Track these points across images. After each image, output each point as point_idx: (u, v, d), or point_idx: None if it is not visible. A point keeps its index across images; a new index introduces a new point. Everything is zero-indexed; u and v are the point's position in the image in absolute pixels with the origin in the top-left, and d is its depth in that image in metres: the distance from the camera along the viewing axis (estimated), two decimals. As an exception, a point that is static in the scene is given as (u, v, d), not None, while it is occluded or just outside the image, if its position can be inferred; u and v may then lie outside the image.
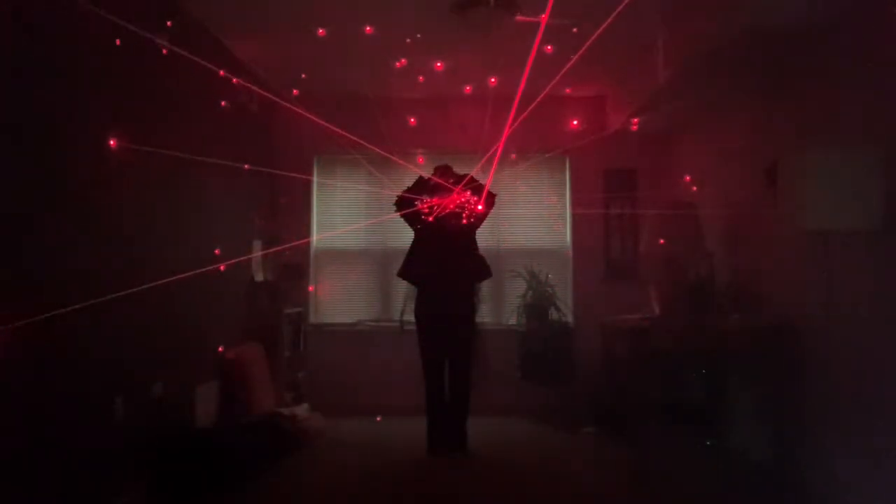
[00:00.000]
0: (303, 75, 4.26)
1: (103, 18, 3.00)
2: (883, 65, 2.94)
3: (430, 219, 4.37)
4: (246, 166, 4.91)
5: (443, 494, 3.68)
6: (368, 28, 3.69)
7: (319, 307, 5.91)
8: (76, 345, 2.88)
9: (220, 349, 4.47)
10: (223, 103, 4.43)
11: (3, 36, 2.50)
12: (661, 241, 4.24)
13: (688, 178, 4.74)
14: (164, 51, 3.35)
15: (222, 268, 4.27)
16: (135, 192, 3.39)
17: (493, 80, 3.97)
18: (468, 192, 4.44)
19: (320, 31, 3.45)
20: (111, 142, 3.12)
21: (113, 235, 3.19)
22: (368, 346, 5.67)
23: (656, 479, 3.68)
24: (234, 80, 4.46)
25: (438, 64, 4.40)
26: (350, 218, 5.91)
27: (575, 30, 2.90)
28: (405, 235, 4.78)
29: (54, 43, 2.79)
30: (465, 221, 4.33)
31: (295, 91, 3.94)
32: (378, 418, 5.25)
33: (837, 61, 3.31)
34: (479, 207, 4.41)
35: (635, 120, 4.57)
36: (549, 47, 3.18)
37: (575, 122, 4.46)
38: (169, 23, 3.13)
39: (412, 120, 4.78)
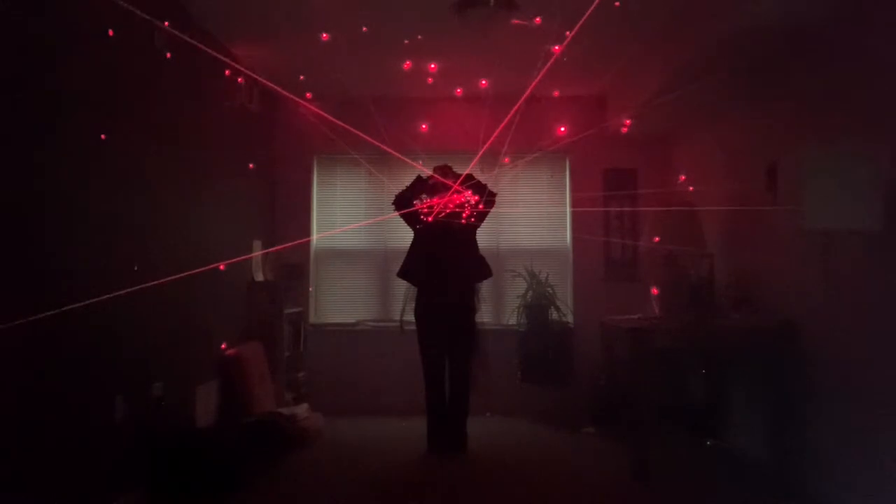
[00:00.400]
0: (301, 77, 4.26)
1: (104, 17, 3.01)
2: (883, 65, 2.94)
3: (430, 219, 4.36)
4: (251, 165, 4.91)
5: (443, 494, 3.68)
6: (364, 28, 3.68)
7: (319, 307, 5.91)
8: (76, 344, 2.88)
9: (224, 346, 4.48)
10: (228, 103, 4.43)
11: (8, 33, 2.51)
12: (656, 238, 4.24)
13: (682, 177, 4.74)
14: (168, 55, 3.35)
15: (222, 267, 4.26)
16: (134, 191, 3.39)
17: (493, 79, 3.97)
18: (469, 192, 4.43)
19: (324, 35, 3.45)
20: (111, 141, 3.13)
21: (112, 235, 3.19)
22: (368, 346, 5.67)
23: (656, 479, 3.68)
24: (240, 79, 4.47)
25: (438, 64, 4.39)
26: (350, 218, 5.91)
27: (568, 33, 2.91)
28: (405, 235, 4.78)
29: (57, 41, 2.79)
30: (464, 221, 4.32)
31: (308, 94, 3.92)
32: (378, 420, 5.26)
33: (838, 61, 3.31)
34: (480, 206, 4.40)
35: (627, 122, 4.56)
36: (556, 48, 3.19)
37: (562, 129, 4.46)
38: (166, 23, 3.12)
39: (423, 126, 4.78)
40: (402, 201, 4.52)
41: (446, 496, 3.66)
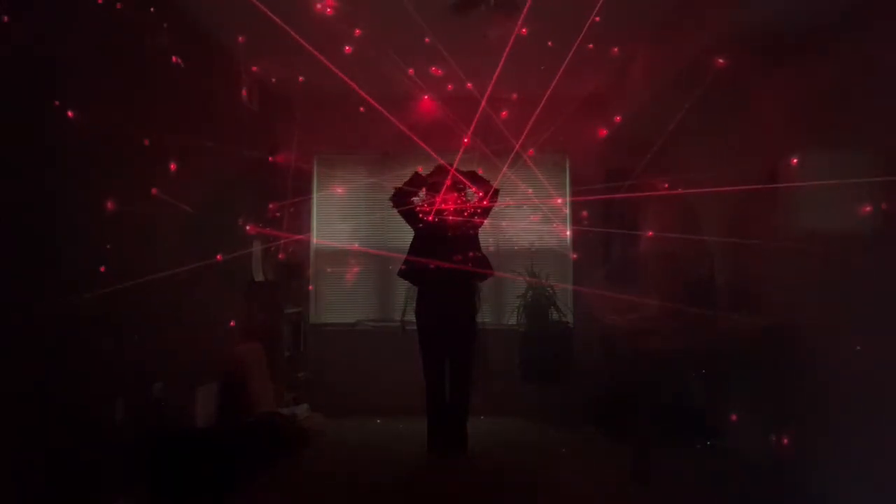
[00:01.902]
0: (300, 78, 4.26)
1: (103, 16, 3.02)
2: (883, 65, 2.94)
3: (431, 217, 4.35)
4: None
5: (443, 495, 3.68)
6: (357, 31, 3.69)
7: (319, 307, 5.91)
8: (77, 344, 2.88)
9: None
10: (240, 100, 4.42)
11: (14, 34, 2.51)
12: (650, 233, 4.25)
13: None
14: (175, 59, 3.35)
15: (220, 258, 4.26)
16: (134, 191, 3.39)
17: (491, 79, 3.98)
18: (471, 188, 4.42)
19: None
20: (110, 141, 3.13)
21: (113, 235, 3.19)
22: (368, 346, 5.67)
23: (656, 479, 3.68)
24: (241, 79, 4.46)
25: (439, 65, 4.39)
26: (350, 218, 5.92)
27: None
28: (405, 235, 4.77)
29: (56, 43, 2.79)
30: (466, 219, 4.31)
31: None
32: (378, 420, 5.27)
33: (837, 62, 3.31)
34: (484, 202, 4.39)
35: (618, 118, 4.57)
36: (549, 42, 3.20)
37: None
38: (164, 24, 3.13)
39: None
40: (401, 198, 4.51)
41: (446, 496, 3.66)
